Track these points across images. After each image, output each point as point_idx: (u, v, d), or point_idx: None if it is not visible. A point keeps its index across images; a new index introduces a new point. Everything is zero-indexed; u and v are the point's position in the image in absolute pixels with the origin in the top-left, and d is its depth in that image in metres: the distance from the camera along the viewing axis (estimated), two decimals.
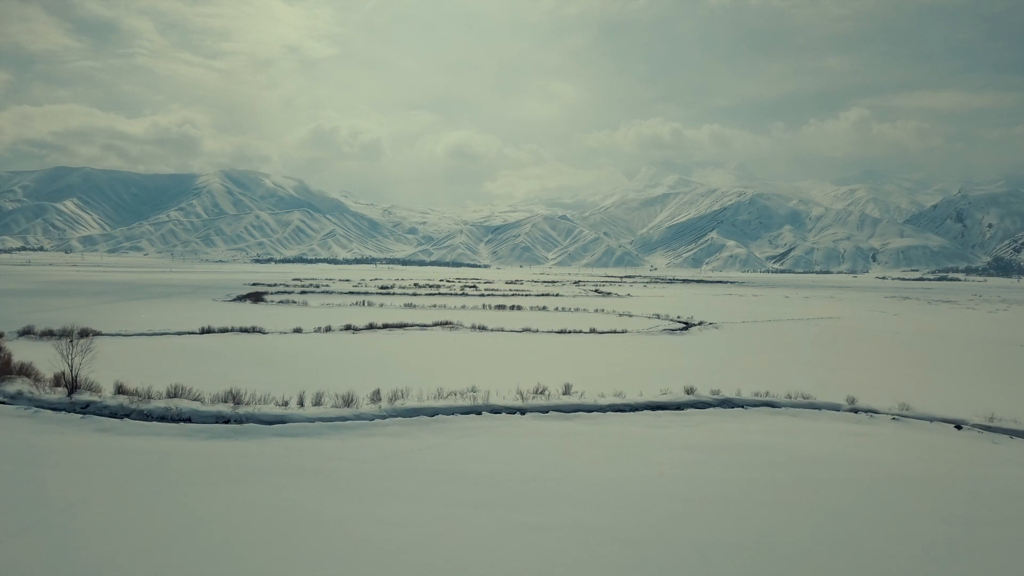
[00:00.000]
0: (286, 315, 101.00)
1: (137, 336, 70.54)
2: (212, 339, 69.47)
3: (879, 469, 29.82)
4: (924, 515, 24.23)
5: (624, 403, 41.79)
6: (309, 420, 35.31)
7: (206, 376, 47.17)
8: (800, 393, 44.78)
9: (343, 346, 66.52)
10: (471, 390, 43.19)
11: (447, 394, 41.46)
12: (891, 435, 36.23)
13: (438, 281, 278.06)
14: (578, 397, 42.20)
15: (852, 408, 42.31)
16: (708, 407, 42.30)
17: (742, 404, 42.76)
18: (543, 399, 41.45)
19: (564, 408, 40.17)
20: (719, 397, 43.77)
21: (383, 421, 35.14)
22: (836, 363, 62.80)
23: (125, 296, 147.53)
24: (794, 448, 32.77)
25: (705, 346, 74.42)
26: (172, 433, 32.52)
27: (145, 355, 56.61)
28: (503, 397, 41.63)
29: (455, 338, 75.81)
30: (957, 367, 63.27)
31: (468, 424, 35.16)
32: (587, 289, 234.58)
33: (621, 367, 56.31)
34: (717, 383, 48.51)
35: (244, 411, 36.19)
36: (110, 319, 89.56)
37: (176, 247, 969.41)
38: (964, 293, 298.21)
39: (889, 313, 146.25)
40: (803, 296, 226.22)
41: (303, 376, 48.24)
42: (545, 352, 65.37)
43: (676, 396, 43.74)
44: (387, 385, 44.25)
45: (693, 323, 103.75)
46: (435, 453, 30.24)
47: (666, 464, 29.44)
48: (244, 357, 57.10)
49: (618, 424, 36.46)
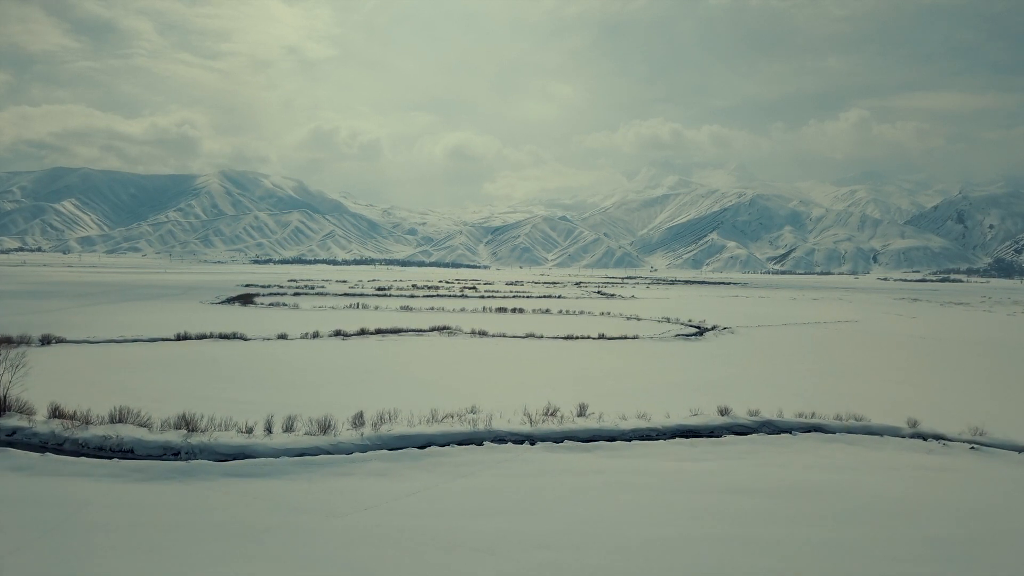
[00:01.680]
0: (274, 319, 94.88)
1: (104, 343, 64.40)
2: (186, 347, 63.35)
3: (977, 522, 23.77)
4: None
5: (650, 427, 35.68)
6: (274, 454, 29.17)
7: (167, 392, 41.08)
8: (851, 414, 38.66)
9: (329, 355, 60.40)
10: (470, 411, 37.11)
11: (442, 417, 35.36)
12: (975, 470, 30.15)
13: (437, 282, 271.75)
14: (596, 420, 36.08)
15: (917, 433, 36.21)
16: (749, 432, 36.20)
17: (788, 429, 36.63)
18: (555, 422, 35.35)
19: (580, 435, 34.06)
20: (759, 419, 37.66)
21: (363, 455, 28.97)
22: (876, 374, 56.67)
23: (111, 298, 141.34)
24: (865, 491, 26.70)
25: (725, 354, 68.33)
26: (103, 473, 26.40)
27: (104, 366, 50.51)
28: (508, 420, 35.52)
29: (453, 345, 69.72)
30: (1016, 381, 57.00)
31: (466, 458, 29.03)
32: (589, 290, 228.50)
33: (639, 380, 50.23)
34: (751, 400, 42.46)
35: (197, 441, 30.07)
36: (84, 323, 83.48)
37: (175, 248, 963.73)
38: (972, 295, 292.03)
39: (906, 316, 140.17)
40: (810, 298, 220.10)
41: (279, 392, 42.17)
42: (552, 361, 59.28)
43: (709, 418, 37.65)
44: (373, 403, 38.21)
45: (706, 327, 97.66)
46: (424, 502, 24.14)
47: (715, 516, 23.36)
48: (217, 368, 50.99)
49: (647, 457, 30.35)
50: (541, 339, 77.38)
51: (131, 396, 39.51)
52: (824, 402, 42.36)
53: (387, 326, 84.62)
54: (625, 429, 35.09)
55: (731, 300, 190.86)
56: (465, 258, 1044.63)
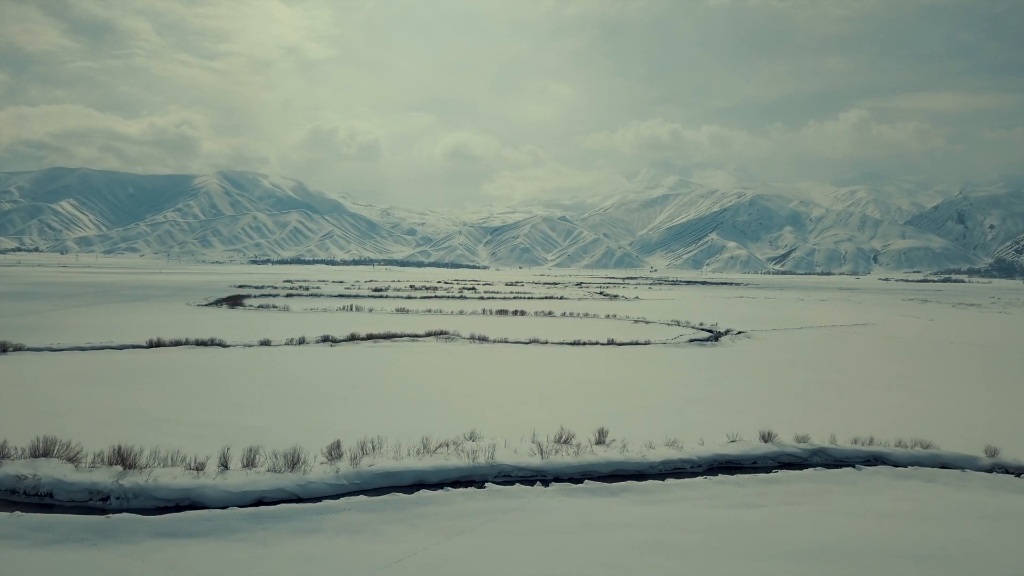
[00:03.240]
0: (260, 323, 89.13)
1: (68, 351, 58.66)
2: (157, 355, 57.62)
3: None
4: None
5: (683, 459, 30.00)
6: (224, 501, 23.49)
7: (117, 413, 35.36)
8: (916, 440, 32.99)
9: (313, 365, 54.69)
10: (469, 437, 31.43)
11: (436, 447, 29.67)
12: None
13: (435, 283, 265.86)
14: (618, 450, 30.37)
15: (998, 465, 30.52)
16: (801, 465, 30.56)
17: (848, 460, 30.95)
18: (570, 453, 29.66)
19: (601, 469, 28.39)
20: (810, 447, 31.97)
21: (335, 503, 23.23)
22: (922, 387, 50.93)
23: (96, 300, 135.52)
24: (968, 550, 21.06)
25: (747, 362, 62.66)
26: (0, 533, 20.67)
27: (56, 379, 44.78)
28: (514, 450, 29.82)
29: (450, 352, 64.02)
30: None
31: (464, 506, 23.32)
32: (591, 291, 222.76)
33: (658, 394, 44.55)
34: (791, 420, 36.83)
35: (132, 483, 24.38)
36: (56, 327, 77.80)
37: (173, 248, 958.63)
38: (978, 295, 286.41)
39: (923, 319, 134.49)
40: (817, 299, 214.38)
41: (249, 412, 36.48)
42: (561, 372, 53.57)
43: (750, 445, 31.96)
44: (356, 425, 32.58)
45: (720, 331, 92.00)
46: (410, 573, 18.44)
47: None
48: (183, 381, 45.27)
49: (685, 501, 24.65)
50: (546, 345, 71.74)
51: (72, 418, 33.87)
52: (877, 423, 36.73)
53: (380, 331, 78.92)
54: (654, 461, 29.42)
55: (737, 301, 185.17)
56: (464, 258, 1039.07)
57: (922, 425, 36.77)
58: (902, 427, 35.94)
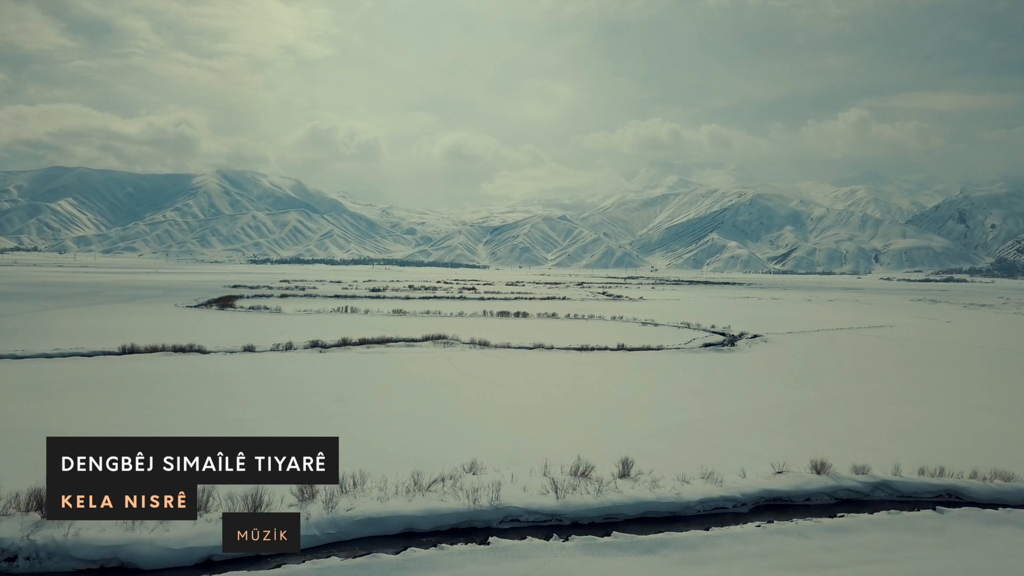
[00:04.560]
0: (248, 326, 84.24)
1: (31, 359, 53.76)
2: (128, 363, 52.75)
3: None
4: None
5: (725, 496, 25.12)
6: (159, 564, 18.64)
7: (58, 435, 30.45)
8: (993, 470, 28.12)
9: (298, 375, 49.82)
10: (469, 469, 26.57)
11: (429, 482, 24.78)
12: None
13: (435, 283, 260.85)
14: (647, 486, 25.44)
15: None
16: (863, 502, 25.73)
17: (918, 496, 26.09)
18: (590, 490, 24.75)
19: (628, 512, 23.52)
20: (871, 479, 27.08)
21: (299, 567, 18.37)
22: (973, 400, 45.99)
23: (82, 301, 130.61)
24: None
25: (771, 370, 57.80)
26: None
27: (6, 393, 39.88)
28: (523, 487, 24.90)
29: (449, 359, 59.15)
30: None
31: (463, 571, 18.45)
32: (594, 291, 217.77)
33: (683, 411, 39.66)
34: (840, 442, 32.00)
35: (46, 537, 19.50)
36: (30, 331, 73.00)
37: (172, 247, 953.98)
38: (985, 295, 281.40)
39: (939, 320, 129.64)
40: (825, 299, 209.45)
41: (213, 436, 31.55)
42: (570, 383, 48.71)
43: (801, 478, 27.09)
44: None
45: (733, 334, 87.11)
46: None
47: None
48: (144, 397, 40.39)
49: (739, 561, 19.76)
50: (551, 350, 66.87)
51: (13, 439, 29.04)
52: (939, 446, 31.88)
53: (375, 334, 74.14)
54: (691, 501, 24.53)
55: (743, 302, 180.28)
56: (464, 258, 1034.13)
57: (990, 448, 31.98)
58: (968, 451, 31.15)
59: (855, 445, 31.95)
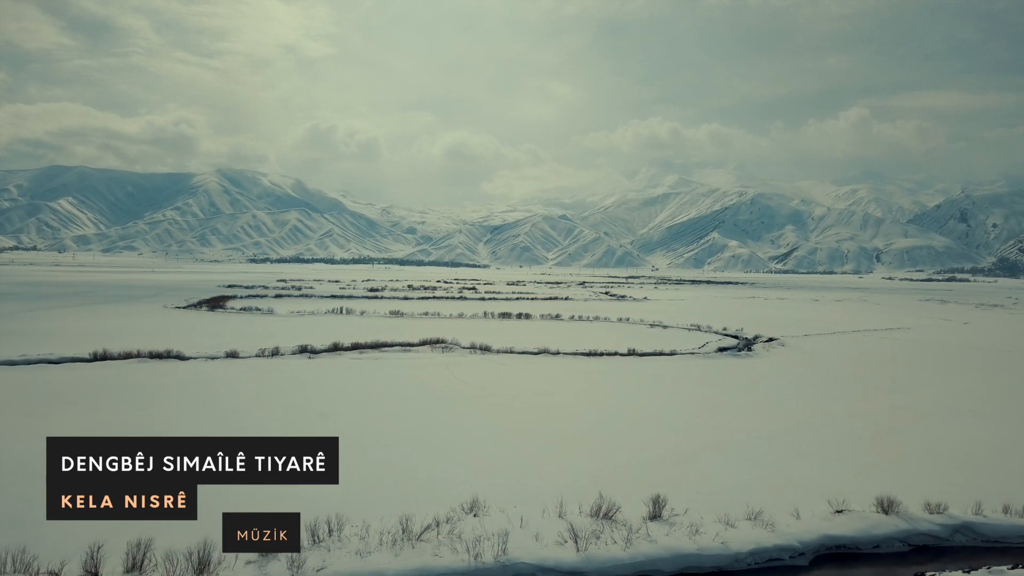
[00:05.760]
0: (236, 328, 79.83)
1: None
2: (98, 371, 48.32)
3: None
4: None
5: (779, 546, 20.68)
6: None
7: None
8: None
9: (281, 386, 45.39)
10: (470, 510, 22.14)
11: (421, 531, 20.31)
12: None
13: (435, 282, 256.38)
14: (685, 531, 20.99)
15: None
16: (941, 549, 21.32)
17: (1006, 541, 21.71)
18: (616, 541, 20.30)
19: (665, 568, 19.11)
20: (950, 520, 22.64)
21: None
22: (1020, 414, 41.64)
23: (71, 301, 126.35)
24: None
25: (798, 378, 53.35)
26: None
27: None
28: (536, 535, 20.46)
29: (447, 367, 54.72)
30: None
31: None
32: (596, 291, 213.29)
33: (713, 430, 35.17)
34: (902, 470, 27.60)
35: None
36: (4, 334, 68.74)
37: (172, 247, 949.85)
38: (991, 295, 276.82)
39: (955, 321, 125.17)
40: (832, 299, 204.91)
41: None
42: (581, 396, 44.26)
43: (866, 519, 22.63)
44: (311, 490, 23.18)
45: (748, 337, 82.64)
46: None
47: None
48: (103, 414, 35.94)
49: None
50: (557, 356, 62.45)
51: None
52: (1015, 474, 27.48)
53: (369, 338, 69.77)
54: (740, 552, 20.10)
55: (749, 302, 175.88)
56: (464, 257, 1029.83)
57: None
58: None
59: (920, 473, 27.57)
